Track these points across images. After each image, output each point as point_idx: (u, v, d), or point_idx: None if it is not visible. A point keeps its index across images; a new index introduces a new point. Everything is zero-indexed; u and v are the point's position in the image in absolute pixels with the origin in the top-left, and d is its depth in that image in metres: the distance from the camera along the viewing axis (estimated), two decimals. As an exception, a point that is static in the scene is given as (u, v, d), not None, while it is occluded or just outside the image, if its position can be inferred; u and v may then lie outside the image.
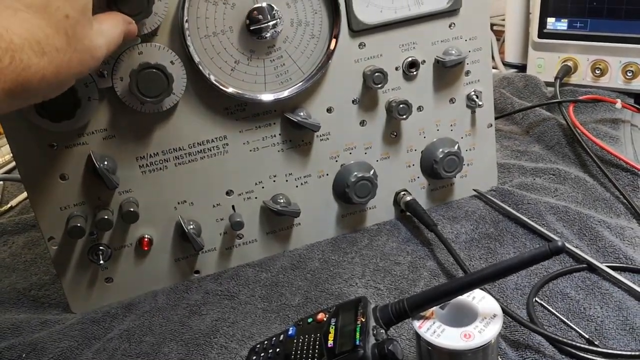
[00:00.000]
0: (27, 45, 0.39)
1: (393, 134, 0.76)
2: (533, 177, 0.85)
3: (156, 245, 0.70)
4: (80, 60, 0.45)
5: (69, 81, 0.46)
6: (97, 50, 0.47)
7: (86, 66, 0.46)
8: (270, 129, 0.70)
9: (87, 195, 0.65)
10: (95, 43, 0.47)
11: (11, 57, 0.38)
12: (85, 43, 0.45)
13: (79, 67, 0.45)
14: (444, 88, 0.76)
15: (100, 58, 0.48)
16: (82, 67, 0.46)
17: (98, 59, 0.48)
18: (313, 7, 0.66)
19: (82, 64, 0.45)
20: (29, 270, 0.78)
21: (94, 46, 0.47)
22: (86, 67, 0.46)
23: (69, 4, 0.43)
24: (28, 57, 0.39)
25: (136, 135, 0.65)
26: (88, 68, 0.47)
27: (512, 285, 0.64)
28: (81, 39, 0.45)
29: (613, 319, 0.58)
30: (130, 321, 0.66)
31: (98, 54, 0.47)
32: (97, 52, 0.47)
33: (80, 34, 0.44)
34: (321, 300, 0.66)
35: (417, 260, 0.71)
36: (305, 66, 0.68)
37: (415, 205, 0.76)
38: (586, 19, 1.05)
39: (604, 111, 1.00)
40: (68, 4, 0.43)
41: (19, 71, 0.39)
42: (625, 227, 0.72)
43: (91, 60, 0.47)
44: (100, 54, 0.48)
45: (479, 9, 0.74)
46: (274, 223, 0.74)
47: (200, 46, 0.63)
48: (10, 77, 0.38)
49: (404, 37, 0.72)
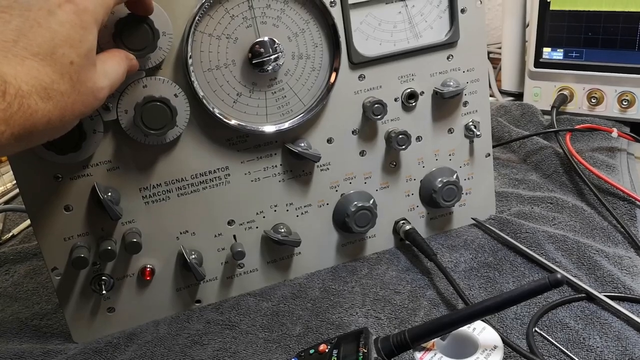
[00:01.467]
0: (34, 92, 0.41)
1: (392, 163, 0.77)
2: (531, 205, 0.86)
3: (158, 275, 0.70)
4: (83, 102, 0.46)
5: (73, 122, 0.47)
6: (101, 91, 0.49)
7: (90, 107, 0.48)
8: (272, 159, 0.71)
9: (91, 226, 0.66)
10: (98, 85, 0.48)
11: (19, 104, 0.40)
12: (88, 85, 0.47)
13: (83, 108, 0.47)
14: (443, 118, 0.77)
15: (103, 99, 0.50)
16: (86, 108, 0.47)
17: (101, 100, 0.49)
18: (314, 41, 0.67)
19: (86, 105, 0.47)
20: (31, 299, 0.79)
21: (97, 88, 0.48)
22: (89, 108, 0.48)
23: (74, 50, 0.44)
24: (35, 102, 0.41)
25: (140, 167, 0.66)
26: (91, 109, 0.48)
27: (512, 315, 0.65)
28: (85, 82, 0.46)
29: (612, 349, 0.58)
30: (132, 351, 0.66)
31: (101, 95, 0.49)
32: (100, 93, 0.49)
33: (84, 77, 0.46)
34: (322, 330, 0.66)
35: (417, 290, 0.71)
36: (306, 98, 0.69)
37: (415, 234, 0.77)
38: (582, 48, 1.07)
39: (601, 140, 1.01)
40: (73, 50, 0.44)
41: (27, 116, 0.41)
42: (623, 256, 0.73)
43: (95, 102, 0.48)
44: (103, 94, 0.49)
45: (476, 42, 0.75)
46: (275, 252, 0.75)
47: (203, 79, 0.64)
48: (19, 122, 0.40)
49: (403, 69, 0.73)
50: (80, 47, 0.45)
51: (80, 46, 0.45)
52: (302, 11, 0.66)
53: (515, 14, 1.24)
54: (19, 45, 0.42)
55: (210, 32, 0.63)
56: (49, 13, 0.43)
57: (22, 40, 0.42)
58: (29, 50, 0.42)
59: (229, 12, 0.63)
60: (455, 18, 0.73)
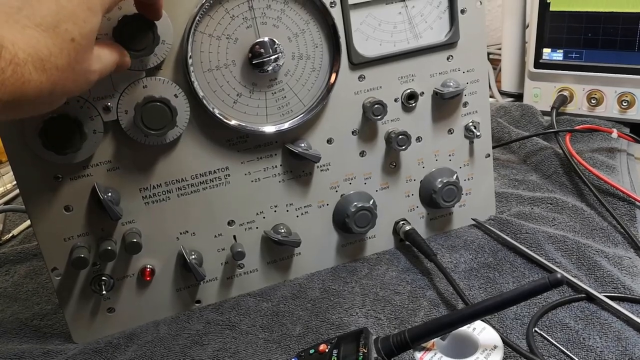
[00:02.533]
0: (30, 61, 0.41)
1: (392, 164, 0.77)
2: (531, 206, 0.86)
3: (158, 275, 0.70)
4: (75, 81, 0.47)
5: (61, 99, 0.48)
6: (92, 74, 0.49)
7: (79, 88, 0.48)
8: (272, 160, 0.71)
9: (91, 226, 0.66)
10: (92, 67, 0.49)
11: (13, 70, 0.40)
12: (83, 66, 0.47)
13: (73, 87, 0.47)
14: (442, 119, 0.77)
15: (92, 82, 0.50)
16: (76, 87, 0.48)
17: (90, 83, 0.50)
18: (314, 41, 0.67)
19: (77, 85, 0.47)
20: (31, 299, 0.79)
21: (90, 70, 0.48)
22: (79, 89, 0.48)
23: (77, 28, 0.44)
24: (29, 72, 0.41)
25: (140, 167, 0.66)
26: (80, 90, 0.49)
27: (512, 315, 0.65)
28: (81, 61, 0.46)
29: (612, 349, 0.58)
30: (132, 351, 0.66)
31: (92, 78, 0.49)
32: (92, 76, 0.49)
33: (81, 57, 0.46)
34: (322, 330, 0.67)
35: (417, 290, 0.71)
36: (306, 98, 0.69)
37: (415, 235, 0.77)
38: (582, 49, 1.07)
39: (601, 140, 1.01)
40: (76, 28, 0.44)
41: (18, 84, 0.40)
42: (623, 256, 0.73)
43: (84, 84, 0.49)
44: (93, 78, 0.50)
45: (476, 42, 0.75)
46: (275, 253, 0.75)
47: (203, 80, 0.64)
48: (10, 89, 0.40)
49: (403, 70, 0.73)
50: (83, 26, 0.45)
51: (84, 26, 0.45)
52: (302, 12, 0.66)
53: (515, 15, 1.24)
54: (22, 13, 0.42)
55: (210, 32, 0.63)
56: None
57: (27, 9, 0.42)
58: (32, 20, 0.42)
59: (229, 13, 0.63)
60: (455, 19, 0.73)
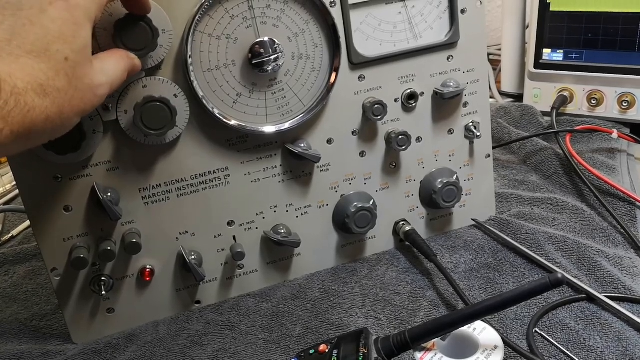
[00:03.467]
0: (30, 89, 0.41)
1: (392, 164, 0.77)
2: (531, 206, 0.86)
3: (158, 275, 0.70)
4: (82, 98, 0.47)
5: (73, 120, 0.47)
6: (99, 88, 0.49)
7: (89, 104, 0.48)
8: (271, 160, 0.71)
9: (90, 227, 0.66)
10: (96, 81, 0.48)
11: (16, 101, 0.40)
12: (85, 82, 0.47)
13: (82, 105, 0.47)
14: (443, 119, 0.77)
15: (102, 95, 0.50)
16: (85, 105, 0.47)
17: (101, 97, 0.49)
18: (314, 41, 0.67)
19: (85, 102, 0.47)
20: (30, 300, 0.79)
21: (96, 84, 0.48)
22: (89, 105, 0.48)
23: (68, 46, 0.44)
24: (32, 99, 0.42)
25: (139, 167, 0.66)
26: (91, 106, 0.48)
27: (512, 315, 0.65)
28: (81, 78, 0.46)
29: (613, 350, 0.58)
30: (132, 352, 0.66)
31: (100, 92, 0.49)
32: (99, 90, 0.49)
33: (80, 73, 0.46)
34: (322, 331, 0.66)
35: (417, 290, 0.71)
36: (306, 98, 0.69)
37: (415, 235, 0.77)
38: (582, 50, 1.07)
39: (601, 141, 1.01)
40: (67, 46, 0.44)
41: (24, 113, 0.41)
42: (624, 257, 0.72)
43: (94, 98, 0.49)
44: (102, 91, 0.49)
45: (476, 42, 0.75)
46: (275, 253, 0.75)
47: (203, 80, 0.64)
48: (17, 119, 0.41)
49: (403, 70, 0.73)
50: (74, 42, 0.45)
51: (74, 42, 0.45)
52: (302, 11, 0.66)
53: (515, 15, 1.24)
54: (13, 44, 0.42)
55: (210, 32, 0.63)
56: (41, 11, 0.44)
57: (16, 39, 0.42)
58: (23, 49, 0.42)
59: (228, 12, 0.63)
60: (455, 19, 0.73)
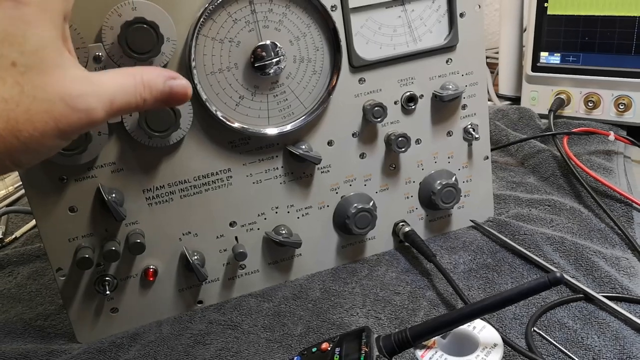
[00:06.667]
0: None
1: (392, 166, 0.77)
2: (529, 208, 0.87)
3: (161, 275, 0.71)
4: (48, 111, 0.37)
5: (45, 141, 0.38)
6: (80, 99, 0.39)
7: (65, 120, 0.38)
8: (273, 161, 0.72)
9: (95, 227, 0.66)
10: (75, 91, 0.39)
11: None
12: (51, 90, 0.38)
13: (51, 120, 0.38)
14: (442, 121, 0.78)
15: (89, 110, 0.39)
16: (58, 121, 0.38)
17: (87, 111, 0.39)
18: (315, 45, 0.68)
19: (56, 117, 0.38)
20: (35, 300, 0.79)
21: (74, 95, 0.38)
22: (66, 121, 0.38)
23: (15, 48, 0.37)
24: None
25: (143, 169, 0.66)
26: (71, 123, 0.39)
27: (511, 315, 0.65)
28: (43, 86, 0.37)
29: (610, 348, 0.59)
30: (135, 351, 0.67)
31: (82, 105, 0.39)
32: (80, 102, 0.39)
33: (39, 81, 0.37)
34: (323, 330, 0.67)
35: (417, 290, 0.72)
36: (307, 101, 0.70)
37: (414, 236, 0.78)
38: (578, 53, 1.08)
39: (598, 143, 1.02)
40: (14, 48, 0.37)
41: None
42: (621, 257, 0.73)
43: (72, 113, 0.38)
44: (86, 104, 0.39)
45: (475, 45, 0.76)
46: (276, 254, 0.76)
47: (206, 82, 0.65)
48: None
49: (403, 73, 0.74)
50: (24, 44, 0.37)
51: (24, 43, 0.37)
52: (304, 15, 0.67)
53: (512, 19, 1.25)
54: None
55: (213, 35, 0.64)
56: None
57: None
58: None
59: (231, 16, 0.64)
60: (454, 22, 0.74)
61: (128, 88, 0.43)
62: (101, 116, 0.40)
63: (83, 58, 0.59)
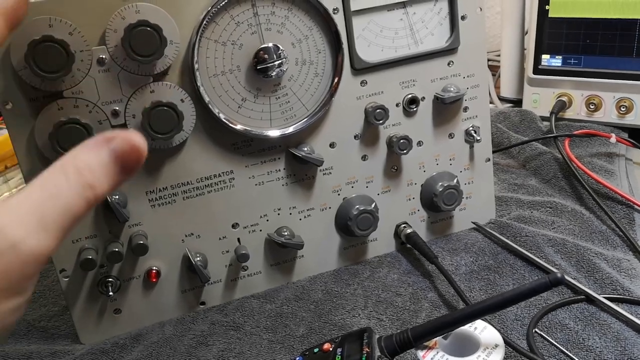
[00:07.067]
0: None
1: (394, 168, 0.78)
2: (530, 210, 0.87)
3: (164, 277, 0.71)
4: None
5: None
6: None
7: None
8: (275, 163, 0.72)
9: (99, 229, 0.67)
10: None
11: None
12: None
13: None
14: (443, 124, 0.78)
15: (13, 245, 0.29)
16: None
17: (9, 248, 0.29)
18: (317, 47, 0.69)
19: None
20: (38, 301, 0.80)
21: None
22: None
23: None
24: None
25: (146, 171, 0.67)
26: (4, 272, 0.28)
27: (512, 316, 0.66)
28: None
29: (611, 350, 0.59)
30: (138, 352, 0.67)
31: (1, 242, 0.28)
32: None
33: None
34: (325, 331, 0.67)
35: (418, 292, 0.72)
36: (309, 103, 0.70)
37: (416, 238, 0.78)
38: (580, 55, 1.08)
39: (599, 145, 1.02)
40: None
41: None
42: (622, 259, 0.74)
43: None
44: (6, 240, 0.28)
45: (476, 48, 0.77)
46: (278, 255, 0.76)
47: (209, 85, 0.65)
48: None
49: (404, 75, 0.74)
50: None
51: None
52: (306, 18, 0.67)
53: (514, 22, 1.25)
54: None
55: (215, 38, 0.64)
56: None
57: None
58: None
59: (234, 19, 0.64)
60: (455, 25, 0.74)
61: (60, 189, 0.31)
62: (37, 245, 0.29)
63: (87, 61, 0.59)
